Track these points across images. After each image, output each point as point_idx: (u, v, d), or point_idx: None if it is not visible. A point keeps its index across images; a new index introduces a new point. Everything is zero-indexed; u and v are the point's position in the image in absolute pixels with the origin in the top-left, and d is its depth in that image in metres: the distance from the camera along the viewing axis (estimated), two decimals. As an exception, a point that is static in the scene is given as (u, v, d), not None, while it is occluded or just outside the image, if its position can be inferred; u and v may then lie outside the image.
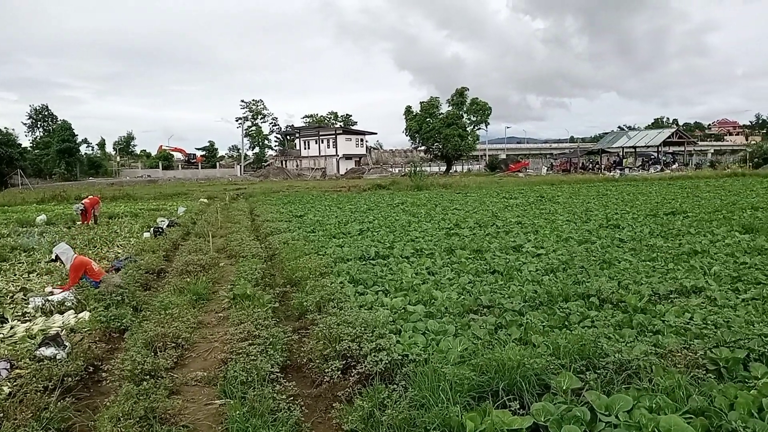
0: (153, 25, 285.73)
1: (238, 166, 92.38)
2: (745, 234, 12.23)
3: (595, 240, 12.05)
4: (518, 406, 4.21)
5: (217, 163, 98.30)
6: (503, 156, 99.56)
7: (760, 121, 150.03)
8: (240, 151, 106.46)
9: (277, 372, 5.46)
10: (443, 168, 79.43)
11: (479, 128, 78.97)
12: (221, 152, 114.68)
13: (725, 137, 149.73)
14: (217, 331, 7.41)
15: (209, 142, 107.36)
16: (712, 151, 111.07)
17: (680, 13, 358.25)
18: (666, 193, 26.06)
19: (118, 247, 14.24)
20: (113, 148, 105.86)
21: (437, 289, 7.94)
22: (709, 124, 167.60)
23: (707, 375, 4.61)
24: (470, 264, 9.75)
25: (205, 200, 32.97)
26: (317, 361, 5.69)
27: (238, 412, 4.55)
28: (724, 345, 5.15)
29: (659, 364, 4.72)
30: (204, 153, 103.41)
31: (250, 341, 6.13)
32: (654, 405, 4.04)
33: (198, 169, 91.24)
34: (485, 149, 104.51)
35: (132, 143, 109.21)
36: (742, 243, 10.96)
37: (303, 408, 4.85)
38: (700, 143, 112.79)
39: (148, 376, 5.45)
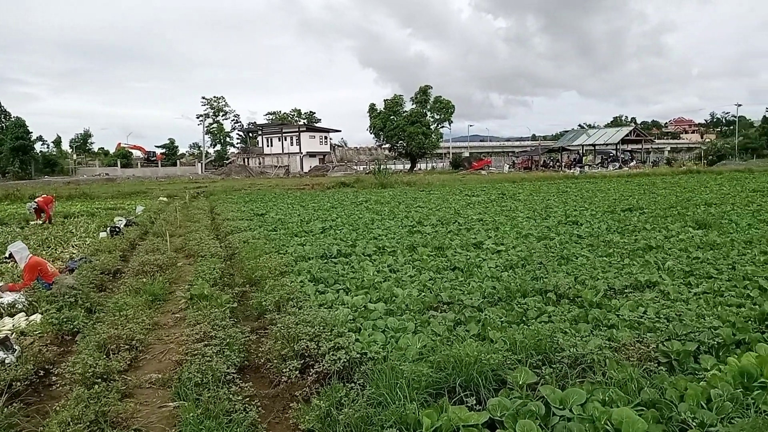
0: (111, 20, 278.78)
1: (199, 164, 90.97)
2: (698, 229, 12.59)
3: (554, 236, 12.23)
4: (475, 402, 4.22)
5: (178, 161, 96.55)
6: (466, 154, 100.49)
7: (715, 120, 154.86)
8: (201, 148, 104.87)
9: (233, 373, 5.36)
10: (407, 166, 79.72)
11: (443, 126, 79.59)
12: (182, 150, 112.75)
13: (681, 135, 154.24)
14: (173, 332, 7.25)
15: (169, 139, 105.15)
16: (669, 148, 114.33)
17: (638, 14, 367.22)
18: (624, 190, 26.64)
19: (73, 247, 13.88)
20: (70, 145, 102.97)
21: (398, 287, 7.94)
22: (666, 123, 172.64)
23: (659, 368, 4.71)
24: (431, 261, 9.79)
25: (165, 199, 32.35)
26: (275, 361, 5.61)
27: (192, 414, 4.45)
28: (676, 338, 5.29)
29: (613, 357, 4.81)
30: (164, 151, 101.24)
31: (207, 342, 6.01)
32: (607, 398, 4.11)
33: (158, 167, 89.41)
34: (449, 147, 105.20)
35: (89, 141, 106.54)
36: (695, 238, 11.27)
37: (260, 408, 4.76)
38: (657, 141, 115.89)
39: (100, 380, 5.30)
